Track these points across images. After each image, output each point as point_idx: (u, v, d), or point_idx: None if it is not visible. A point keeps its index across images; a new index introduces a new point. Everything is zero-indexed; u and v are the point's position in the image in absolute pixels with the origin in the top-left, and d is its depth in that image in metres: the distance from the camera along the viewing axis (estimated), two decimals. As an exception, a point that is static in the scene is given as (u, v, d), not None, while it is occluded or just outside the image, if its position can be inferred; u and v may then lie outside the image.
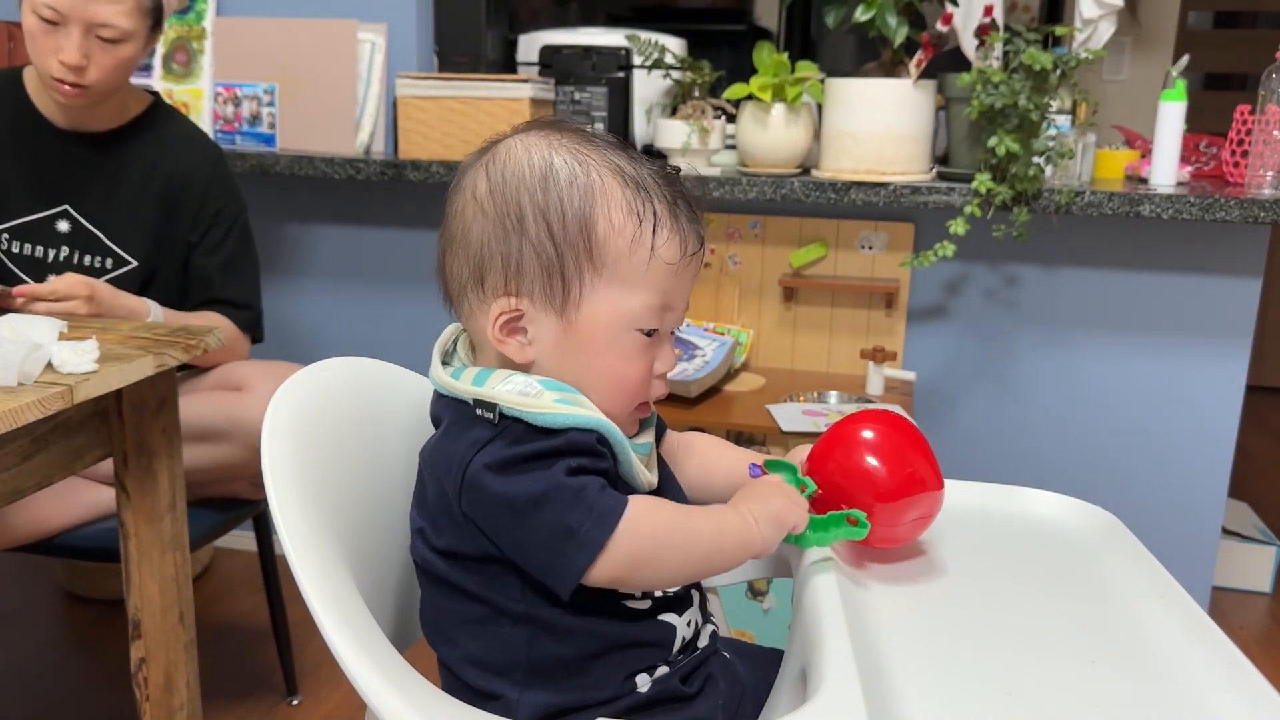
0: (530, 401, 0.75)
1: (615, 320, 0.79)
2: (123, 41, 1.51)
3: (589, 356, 0.79)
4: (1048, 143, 1.73)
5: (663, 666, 0.82)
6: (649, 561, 0.75)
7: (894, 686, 0.69)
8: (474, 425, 0.77)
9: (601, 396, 0.80)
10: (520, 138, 0.81)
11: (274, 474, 0.79)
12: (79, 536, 1.53)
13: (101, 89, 1.54)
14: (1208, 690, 0.70)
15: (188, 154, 1.68)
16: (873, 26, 1.79)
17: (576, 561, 0.73)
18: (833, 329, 2.06)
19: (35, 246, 1.63)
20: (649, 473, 0.83)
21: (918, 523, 0.86)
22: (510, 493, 0.74)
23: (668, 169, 0.82)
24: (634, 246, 0.77)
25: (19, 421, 1.03)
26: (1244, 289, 1.91)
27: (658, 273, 0.79)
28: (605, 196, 0.77)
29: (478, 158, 0.82)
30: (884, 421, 0.86)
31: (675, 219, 0.79)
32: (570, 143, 0.79)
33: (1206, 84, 4.01)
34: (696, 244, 0.81)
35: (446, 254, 0.82)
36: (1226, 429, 1.97)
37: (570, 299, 0.78)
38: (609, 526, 0.73)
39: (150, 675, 1.36)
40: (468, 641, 0.81)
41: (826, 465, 0.85)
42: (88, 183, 1.63)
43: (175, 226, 1.66)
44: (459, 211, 0.81)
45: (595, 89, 2.05)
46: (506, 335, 0.79)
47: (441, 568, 0.81)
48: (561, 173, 0.78)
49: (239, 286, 1.71)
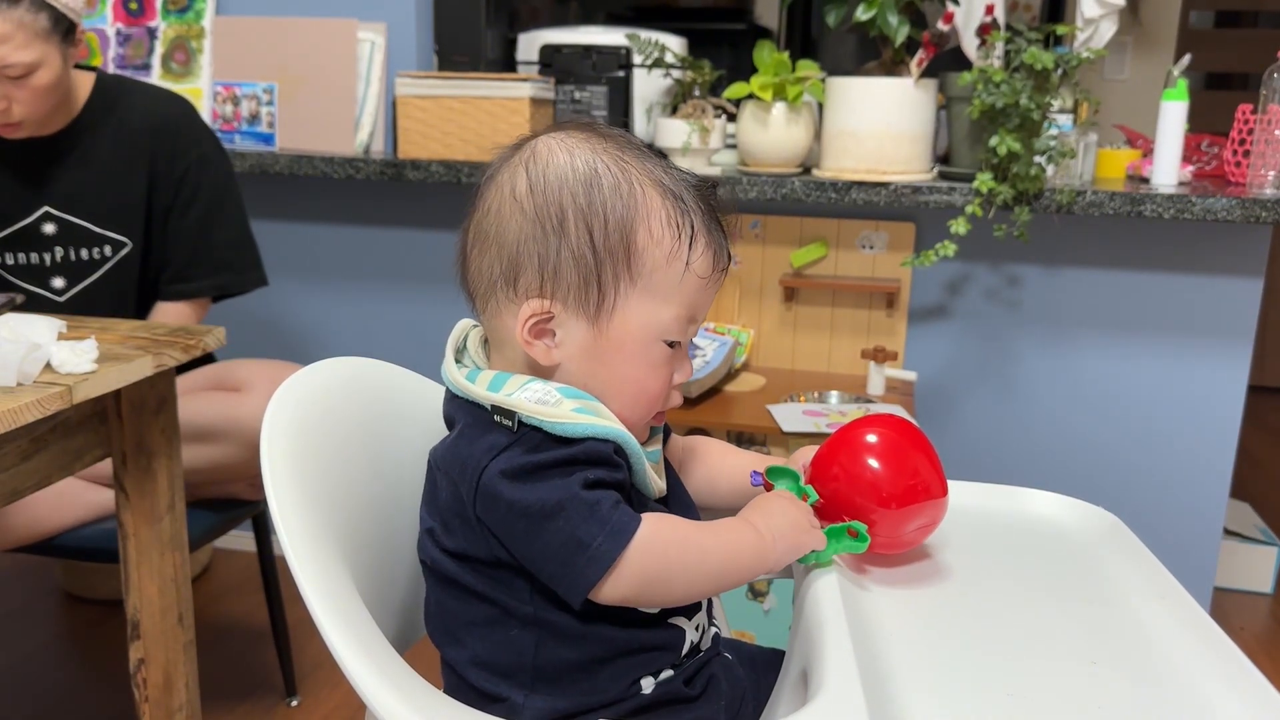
0: (549, 410, 0.75)
1: (645, 330, 0.78)
2: (33, 72, 1.45)
3: (615, 364, 0.79)
4: (1049, 142, 1.72)
5: (667, 669, 0.81)
6: (660, 580, 0.75)
7: (895, 687, 0.69)
8: (491, 430, 0.77)
9: (622, 404, 0.79)
10: (560, 138, 0.80)
11: (273, 474, 0.79)
12: (78, 537, 1.52)
13: (37, 117, 1.52)
14: (1209, 691, 0.70)
15: (149, 109, 1.65)
16: (873, 25, 1.79)
17: (587, 574, 0.73)
18: (833, 329, 2.06)
19: (29, 254, 1.62)
20: (659, 480, 0.83)
21: (921, 530, 0.85)
22: (525, 500, 0.73)
23: (704, 182, 0.81)
24: (671, 259, 0.77)
25: (18, 422, 1.03)
26: (1245, 289, 1.91)
27: (690, 286, 0.79)
28: (647, 207, 0.77)
29: (513, 153, 0.80)
30: (889, 426, 0.85)
31: (710, 233, 0.79)
32: (612, 148, 0.79)
33: (1208, 83, 4.01)
34: (727, 259, 0.82)
35: (474, 250, 0.80)
36: (1228, 429, 1.96)
37: (604, 306, 0.77)
38: (621, 543, 0.72)
39: (149, 676, 1.36)
40: (474, 643, 0.80)
41: (830, 470, 0.84)
42: (60, 178, 1.61)
43: (159, 190, 1.65)
44: (494, 208, 0.79)
45: (595, 88, 2.04)
46: (535, 337, 0.78)
47: (451, 568, 0.80)
48: (605, 179, 0.77)
49: (229, 250, 1.71)
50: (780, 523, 0.79)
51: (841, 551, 0.82)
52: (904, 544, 0.85)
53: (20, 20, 1.41)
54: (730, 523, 0.80)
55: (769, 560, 0.78)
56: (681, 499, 0.88)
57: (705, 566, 0.77)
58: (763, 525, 0.79)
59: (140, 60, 2.19)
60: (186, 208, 1.66)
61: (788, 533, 0.79)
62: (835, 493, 0.84)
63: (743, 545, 0.78)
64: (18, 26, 1.41)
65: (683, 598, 0.79)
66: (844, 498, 0.83)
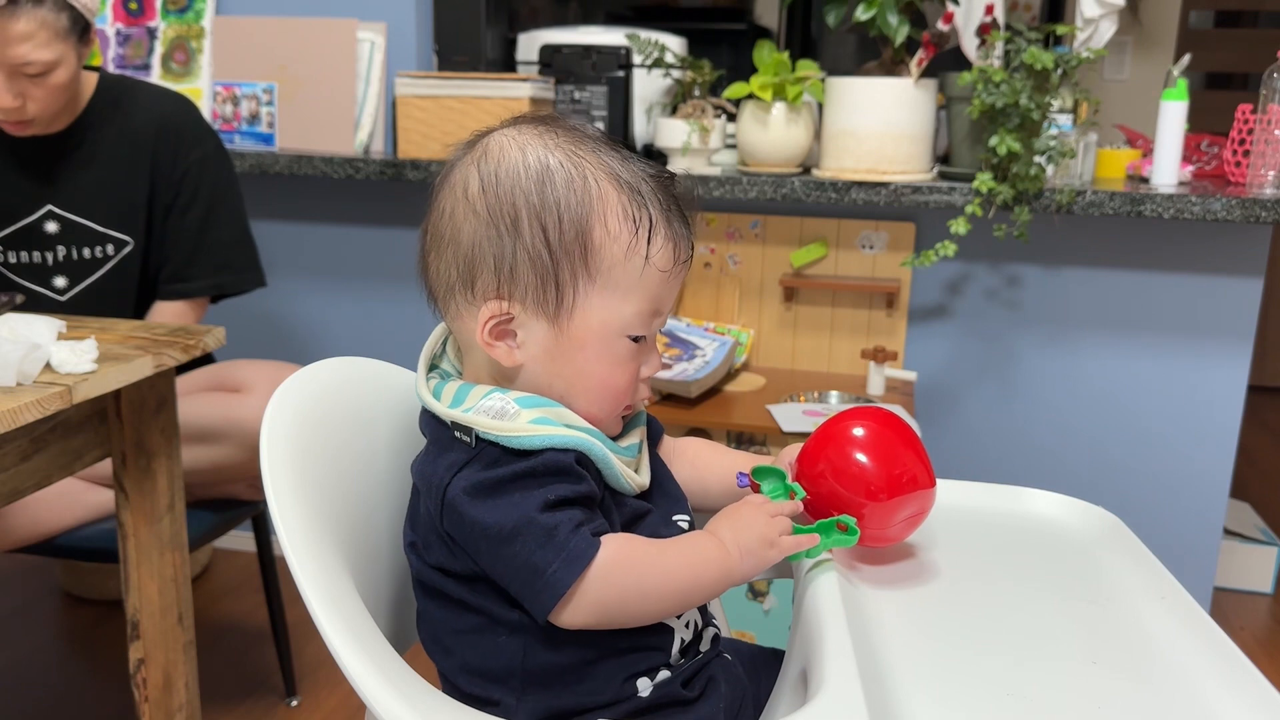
0: (503, 425, 0.75)
1: (607, 327, 0.78)
2: (52, 70, 1.47)
3: (579, 363, 0.78)
4: (1049, 142, 1.72)
5: (664, 670, 0.81)
6: (620, 604, 0.74)
7: (895, 687, 0.69)
8: (452, 447, 0.77)
9: (588, 401, 0.79)
10: (512, 134, 0.78)
11: (273, 475, 0.79)
12: (78, 537, 1.52)
13: (49, 115, 1.53)
14: (1209, 691, 0.70)
15: (152, 108, 1.66)
16: (873, 25, 1.79)
17: (543, 600, 0.72)
18: (833, 329, 2.06)
19: (31, 253, 1.62)
20: (637, 475, 0.82)
21: (910, 521, 0.84)
22: (484, 521, 0.73)
23: (662, 173, 0.80)
24: (629, 254, 0.76)
25: (17, 422, 1.03)
26: (1245, 289, 1.91)
27: (651, 280, 0.77)
28: (602, 201, 0.76)
29: (466, 152, 0.79)
30: (874, 418, 0.84)
31: (669, 225, 0.78)
32: (565, 143, 0.77)
33: (1208, 83, 4.01)
34: (688, 250, 0.80)
35: (432, 253, 0.80)
36: (1228, 429, 1.96)
37: (564, 305, 0.77)
38: (576, 570, 0.71)
39: (149, 676, 1.36)
40: (463, 650, 0.80)
41: (817, 466, 0.84)
42: (63, 176, 1.61)
43: (160, 188, 1.65)
44: (447, 210, 0.78)
45: (595, 88, 2.04)
46: (496, 339, 0.78)
47: (435, 579, 0.81)
48: (558, 175, 0.76)
49: (230, 249, 1.71)
50: (747, 537, 0.78)
51: (831, 546, 0.82)
52: (893, 536, 0.85)
53: (44, 19, 1.42)
54: (696, 538, 0.79)
55: (735, 576, 0.78)
56: (669, 491, 0.87)
57: (667, 588, 0.76)
58: (730, 540, 0.78)
59: (140, 60, 2.19)
60: (187, 207, 1.67)
61: (754, 548, 0.78)
62: (823, 488, 0.83)
63: (707, 563, 0.77)
64: (41, 25, 1.42)
65: (646, 619, 0.77)
66: (832, 492, 0.83)
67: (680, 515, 0.86)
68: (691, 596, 0.78)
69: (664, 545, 0.77)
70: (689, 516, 0.87)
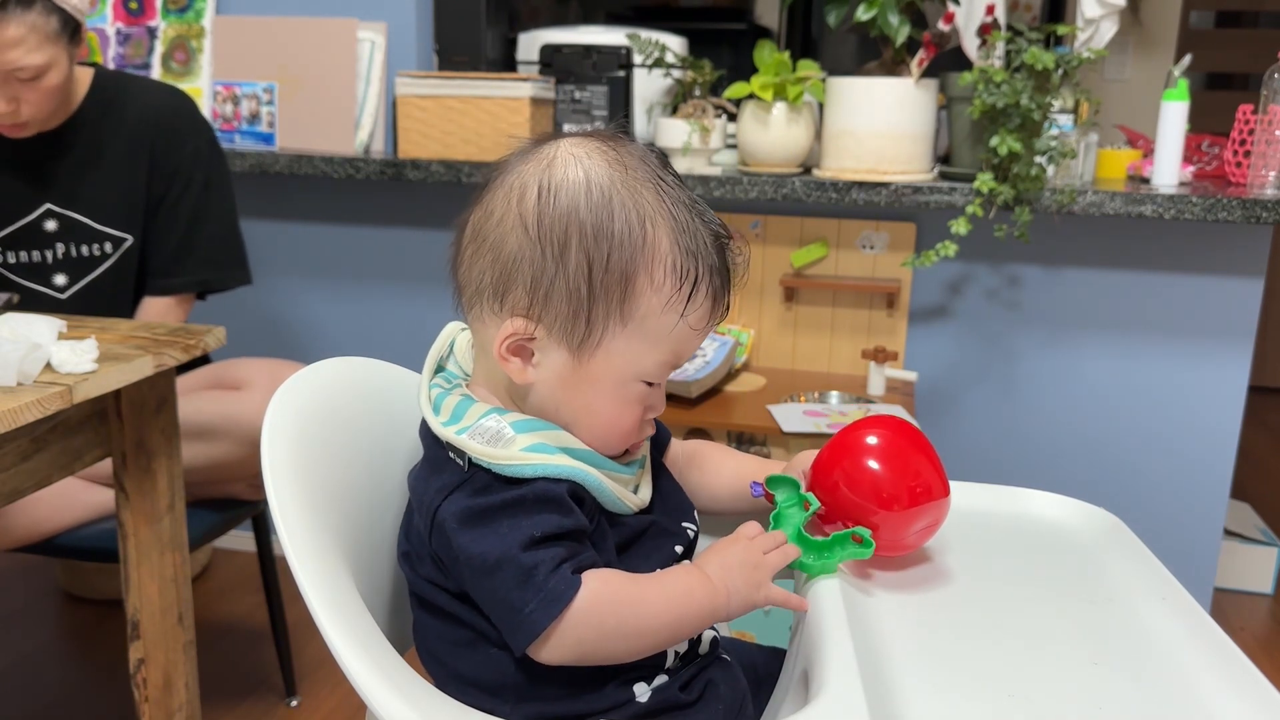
0: (496, 452, 0.74)
1: (625, 370, 0.77)
2: (44, 74, 1.46)
3: (589, 397, 0.77)
4: (1050, 142, 1.72)
5: (662, 675, 0.81)
6: (598, 644, 0.73)
7: (896, 688, 0.69)
8: (445, 467, 0.77)
9: (592, 435, 0.78)
10: (580, 152, 0.75)
11: (273, 474, 0.79)
12: (78, 537, 1.52)
13: (43, 117, 1.53)
14: (1209, 691, 0.70)
15: (148, 102, 1.65)
16: (874, 25, 1.79)
17: (518, 638, 0.72)
18: (834, 329, 2.05)
19: (30, 252, 1.62)
20: (636, 495, 0.81)
21: (925, 531, 0.84)
22: (469, 550, 0.73)
23: (721, 235, 0.78)
24: (667, 308, 0.75)
25: (18, 422, 1.03)
26: (1246, 289, 1.91)
27: (680, 335, 0.77)
28: (654, 250, 0.74)
29: (529, 155, 0.77)
30: (889, 428, 0.84)
31: (713, 287, 0.77)
32: (633, 181, 0.75)
33: (1208, 84, 4.01)
34: (723, 313, 0.79)
35: (469, 249, 0.78)
36: (1228, 429, 1.96)
37: (589, 341, 0.75)
38: (553, 612, 0.70)
39: (149, 676, 1.36)
40: (456, 662, 0.80)
41: (831, 475, 0.83)
42: (60, 174, 1.61)
43: (156, 181, 1.65)
44: (497, 214, 0.76)
45: (595, 88, 2.04)
46: (512, 354, 0.77)
47: (427, 590, 0.81)
48: (618, 213, 0.73)
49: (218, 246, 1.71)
50: (736, 579, 0.77)
51: (847, 559, 0.81)
52: (907, 546, 0.85)
53: (33, 24, 1.42)
54: (683, 575, 0.77)
55: (720, 614, 0.77)
56: (676, 500, 0.87)
57: (649, 626, 0.74)
58: (718, 578, 0.77)
59: (140, 60, 2.19)
60: (177, 201, 1.66)
61: (742, 589, 0.77)
62: (837, 498, 0.83)
63: (692, 601, 0.75)
64: (31, 30, 1.42)
65: (629, 657, 0.76)
66: (846, 503, 0.82)
67: (688, 523, 0.86)
68: (676, 634, 0.77)
69: (647, 584, 0.76)
70: (695, 526, 0.87)
